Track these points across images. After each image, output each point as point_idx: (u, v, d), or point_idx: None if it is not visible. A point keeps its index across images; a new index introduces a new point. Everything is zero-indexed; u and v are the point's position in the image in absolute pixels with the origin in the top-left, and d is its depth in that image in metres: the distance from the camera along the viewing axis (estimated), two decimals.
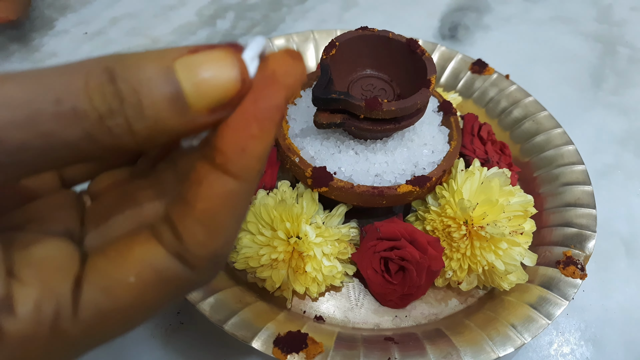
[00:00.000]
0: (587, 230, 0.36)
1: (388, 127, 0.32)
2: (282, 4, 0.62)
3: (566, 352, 0.34)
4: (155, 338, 0.33)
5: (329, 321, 0.34)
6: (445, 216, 0.33)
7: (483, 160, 0.38)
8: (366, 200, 0.33)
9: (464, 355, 0.30)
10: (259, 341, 0.29)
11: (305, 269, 0.32)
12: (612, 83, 0.54)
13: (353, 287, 0.36)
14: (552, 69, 0.55)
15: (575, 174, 0.40)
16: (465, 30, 0.61)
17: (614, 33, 0.61)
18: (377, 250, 0.33)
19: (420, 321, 0.34)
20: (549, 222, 0.38)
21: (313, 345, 0.30)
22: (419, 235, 0.33)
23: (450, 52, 0.50)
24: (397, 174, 0.34)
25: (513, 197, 0.33)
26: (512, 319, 0.32)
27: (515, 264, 0.32)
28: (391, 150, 0.34)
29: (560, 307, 0.32)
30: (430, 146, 0.35)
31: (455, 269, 0.33)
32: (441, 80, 0.49)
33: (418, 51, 0.34)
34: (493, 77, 0.47)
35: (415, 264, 0.32)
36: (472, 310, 0.35)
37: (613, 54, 0.58)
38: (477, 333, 0.31)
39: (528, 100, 0.45)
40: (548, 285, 0.33)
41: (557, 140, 0.42)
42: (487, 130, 0.41)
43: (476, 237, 0.32)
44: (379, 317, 0.34)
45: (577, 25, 0.62)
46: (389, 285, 0.33)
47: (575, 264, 0.34)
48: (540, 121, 0.44)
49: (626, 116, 0.51)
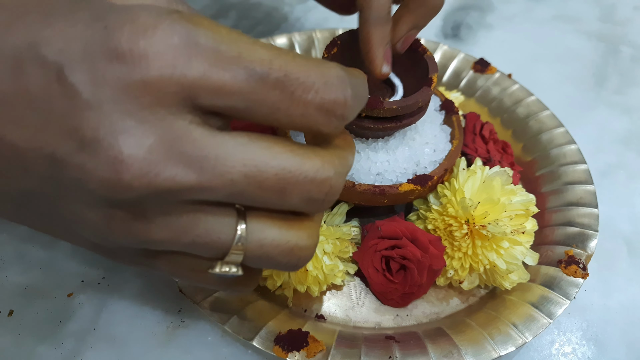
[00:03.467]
0: (589, 229, 0.36)
1: (389, 125, 0.32)
2: (284, 2, 0.62)
3: (567, 351, 0.34)
4: (156, 336, 0.33)
5: (329, 320, 0.34)
6: (446, 215, 0.33)
7: (485, 159, 0.38)
8: (367, 199, 0.33)
9: (465, 354, 0.29)
10: (260, 339, 0.29)
11: (306, 268, 0.32)
12: (615, 82, 0.54)
13: (354, 285, 0.36)
14: (554, 68, 0.55)
15: (577, 173, 0.40)
16: (468, 29, 0.60)
17: (617, 32, 0.61)
18: (378, 249, 0.33)
19: (422, 320, 0.34)
20: (551, 222, 0.38)
21: (314, 344, 0.30)
22: (421, 234, 0.33)
23: (453, 51, 0.50)
24: (399, 173, 0.34)
25: (515, 196, 0.33)
26: (513, 318, 0.32)
27: (517, 263, 0.32)
28: (393, 149, 0.34)
29: (562, 306, 0.32)
30: (432, 145, 0.35)
31: (457, 268, 0.33)
32: (443, 79, 0.49)
33: (419, 49, 0.34)
34: (495, 76, 0.47)
35: (417, 263, 0.32)
36: (473, 309, 0.35)
37: (616, 53, 0.58)
38: (479, 332, 0.31)
39: (530, 99, 0.45)
40: (550, 285, 0.33)
41: (559, 140, 0.42)
42: (489, 129, 0.41)
43: (478, 236, 0.32)
44: (380, 316, 0.34)
45: (580, 25, 0.61)
46: (390, 284, 0.33)
47: (577, 263, 0.34)
48: (542, 120, 0.44)
49: (629, 116, 0.51)
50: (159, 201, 0.16)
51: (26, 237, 0.37)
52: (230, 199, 0.17)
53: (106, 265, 0.36)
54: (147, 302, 0.34)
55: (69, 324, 0.33)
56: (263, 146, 0.17)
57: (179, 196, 0.16)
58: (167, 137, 0.15)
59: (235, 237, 0.18)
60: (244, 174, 0.16)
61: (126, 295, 0.35)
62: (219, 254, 0.18)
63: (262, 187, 0.17)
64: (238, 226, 0.18)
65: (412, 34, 0.32)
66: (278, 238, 0.18)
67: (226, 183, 0.16)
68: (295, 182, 0.17)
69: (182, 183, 0.16)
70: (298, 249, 0.19)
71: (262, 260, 0.18)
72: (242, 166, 0.16)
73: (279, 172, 0.17)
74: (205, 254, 0.18)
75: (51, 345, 0.32)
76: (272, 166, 0.17)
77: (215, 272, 0.19)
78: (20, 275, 0.35)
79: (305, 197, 0.17)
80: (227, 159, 0.16)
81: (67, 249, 0.37)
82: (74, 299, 0.34)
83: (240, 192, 0.17)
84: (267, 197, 0.17)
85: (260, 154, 0.17)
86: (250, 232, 0.18)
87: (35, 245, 0.37)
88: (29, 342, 0.32)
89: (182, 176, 0.16)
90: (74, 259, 0.36)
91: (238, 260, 0.18)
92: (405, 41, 0.32)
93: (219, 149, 0.16)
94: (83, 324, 0.33)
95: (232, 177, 0.16)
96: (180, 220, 0.17)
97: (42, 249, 0.37)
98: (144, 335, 0.33)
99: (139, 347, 0.32)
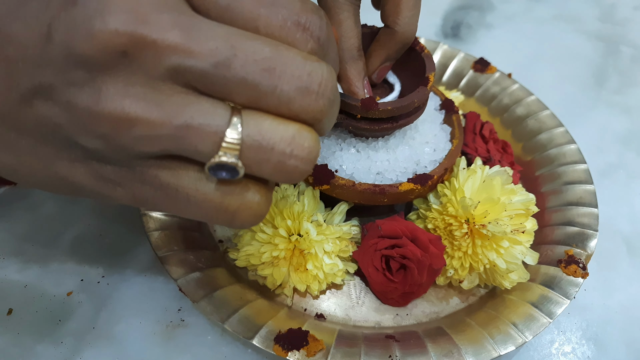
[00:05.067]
0: (588, 229, 0.36)
1: (385, 126, 0.32)
2: None
3: (567, 350, 0.34)
4: (155, 335, 0.33)
5: (329, 319, 0.34)
6: (446, 214, 0.33)
7: (485, 158, 0.38)
8: (367, 198, 0.33)
9: (465, 353, 0.29)
10: (260, 338, 0.29)
11: (306, 267, 0.32)
12: (614, 82, 0.54)
13: (354, 285, 0.36)
14: (554, 68, 0.55)
15: (577, 173, 0.40)
16: (468, 29, 0.60)
17: (617, 32, 0.61)
18: (378, 248, 0.33)
19: (422, 319, 0.34)
20: (551, 221, 0.38)
21: (314, 343, 0.30)
22: (421, 233, 0.33)
23: (453, 51, 0.50)
24: (399, 172, 0.34)
25: (515, 195, 0.33)
26: (513, 318, 0.32)
27: (517, 263, 0.32)
28: (393, 148, 0.34)
29: (562, 306, 0.32)
30: (432, 144, 0.35)
31: (457, 268, 0.33)
32: (443, 79, 0.49)
33: (417, 48, 0.34)
34: (495, 75, 0.47)
35: (417, 262, 0.32)
36: (473, 308, 0.35)
37: (616, 53, 0.58)
38: (478, 331, 0.31)
39: (530, 99, 0.45)
40: (549, 284, 0.33)
41: (559, 139, 0.42)
42: (489, 129, 0.41)
43: (478, 235, 0.32)
44: (380, 315, 0.34)
45: (580, 24, 0.61)
46: (390, 283, 0.33)
47: (576, 263, 0.34)
48: (542, 120, 0.44)
49: (629, 115, 0.51)
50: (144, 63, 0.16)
51: (25, 236, 0.37)
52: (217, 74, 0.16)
53: (106, 264, 0.36)
54: (146, 301, 0.34)
55: (68, 323, 0.33)
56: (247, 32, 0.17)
57: (163, 57, 0.16)
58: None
59: (231, 121, 0.17)
60: (230, 44, 0.16)
61: (125, 294, 0.34)
62: (215, 143, 0.17)
63: (249, 60, 0.16)
64: (233, 116, 0.17)
65: (386, 66, 0.34)
66: (276, 125, 0.17)
67: (211, 49, 0.16)
68: (284, 62, 0.17)
69: (167, 39, 0.15)
70: (300, 138, 0.18)
71: (262, 149, 0.17)
72: (228, 36, 0.16)
73: (265, 48, 0.16)
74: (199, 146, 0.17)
75: (50, 344, 0.32)
76: (259, 42, 0.17)
77: (214, 163, 0.17)
78: (20, 273, 0.35)
79: (297, 84, 0.17)
80: (213, 29, 0.16)
81: (67, 247, 0.37)
82: (73, 298, 0.34)
83: (225, 64, 0.16)
84: (256, 77, 0.16)
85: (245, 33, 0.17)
86: (247, 119, 0.17)
87: (34, 244, 0.37)
88: (28, 341, 0.32)
89: (169, 33, 0.15)
90: (74, 258, 0.36)
91: (236, 148, 0.17)
92: (379, 73, 0.34)
93: (205, 22, 0.16)
94: (82, 323, 0.33)
95: (217, 44, 0.16)
96: (172, 100, 0.17)
97: (41, 247, 0.37)
98: (144, 334, 0.33)
99: (139, 346, 0.32)
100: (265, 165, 0.18)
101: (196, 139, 0.17)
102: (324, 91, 0.17)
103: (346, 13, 0.30)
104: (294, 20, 0.17)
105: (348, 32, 0.31)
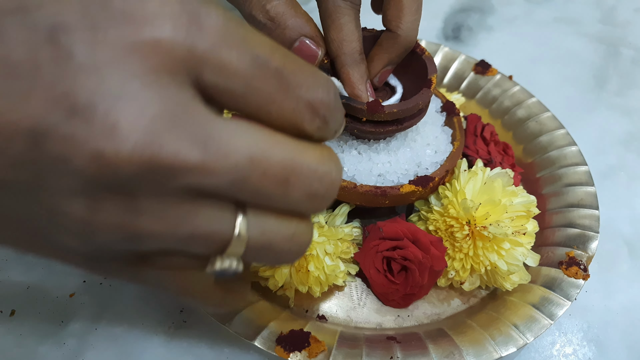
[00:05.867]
0: (589, 231, 0.36)
1: (390, 128, 0.32)
2: None
3: (568, 352, 0.34)
4: (158, 336, 0.33)
5: (331, 320, 0.34)
6: (448, 216, 0.33)
7: (486, 160, 0.38)
8: (369, 200, 0.33)
9: (466, 354, 0.30)
10: (262, 339, 0.30)
11: (308, 268, 0.32)
12: (615, 84, 0.54)
13: (355, 286, 0.36)
14: (555, 70, 0.55)
15: (578, 174, 0.40)
16: (469, 31, 0.61)
17: (617, 34, 0.61)
18: (379, 250, 0.33)
19: (423, 321, 0.34)
20: (552, 223, 0.38)
21: (315, 344, 0.30)
22: (422, 235, 0.33)
23: (454, 53, 0.50)
24: (400, 174, 0.34)
25: (516, 197, 0.33)
26: (514, 319, 0.32)
27: (518, 264, 0.32)
28: (394, 150, 0.34)
29: (563, 307, 0.32)
30: (433, 146, 0.35)
31: (458, 269, 0.34)
32: (444, 81, 0.49)
33: (418, 50, 0.34)
34: (496, 77, 0.47)
35: (418, 264, 0.32)
36: (474, 310, 0.35)
37: (616, 55, 0.58)
38: (480, 333, 0.31)
39: (531, 101, 0.45)
40: (550, 286, 0.33)
41: (560, 141, 0.42)
42: (490, 131, 0.41)
43: (479, 237, 0.32)
44: (382, 317, 0.34)
45: (580, 27, 0.62)
46: (391, 285, 0.33)
47: (577, 264, 0.34)
48: (543, 122, 0.44)
49: (629, 117, 0.51)
50: (156, 184, 0.14)
51: None
52: (231, 188, 0.16)
53: None
54: (148, 302, 0.34)
55: (71, 324, 0.33)
56: (266, 133, 0.16)
57: (179, 178, 0.14)
58: (171, 108, 0.14)
59: (236, 226, 0.17)
60: (249, 158, 0.15)
61: (128, 295, 0.35)
62: (219, 247, 0.17)
63: (266, 174, 0.16)
64: (238, 217, 0.17)
65: (387, 70, 0.34)
66: (278, 225, 0.17)
67: (230, 167, 0.15)
68: (299, 172, 0.16)
69: (186, 161, 0.14)
70: (299, 235, 0.18)
71: (264, 249, 0.18)
72: (247, 149, 0.15)
73: (283, 159, 0.16)
74: (202, 249, 0.17)
75: (53, 345, 0.32)
76: (277, 152, 0.16)
77: (215, 269, 0.17)
78: (22, 275, 0.35)
79: (307, 191, 0.17)
80: (231, 141, 0.15)
81: None
82: (76, 299, 0.34)
83: (242, 180, 0.15)
84: (270, 189, 0.16)
85: (265, 139, 0.16)
86: (251, 222, 0.17)
87: None
88: (30, 342, 0.32)
89: (186, 153, 0.14)
90: None
91: (240, 252, 0.17)
92: (381, 76, 0.34)
93: (222, 130, 0.15)
94: (85, 324, 0.33)
95: (236, 160, 0.15)
96: (177, 210, 0.15)
97: None
98: (146, 335, 0.33)
99: (141, 347, 0.32)
100: (261, 259, 0.18)
101: (199, 247, 0.17)
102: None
103: (347, 17, 0.31)
104: (306, 103, 0.17)
105: (349, 35, 0.31)
